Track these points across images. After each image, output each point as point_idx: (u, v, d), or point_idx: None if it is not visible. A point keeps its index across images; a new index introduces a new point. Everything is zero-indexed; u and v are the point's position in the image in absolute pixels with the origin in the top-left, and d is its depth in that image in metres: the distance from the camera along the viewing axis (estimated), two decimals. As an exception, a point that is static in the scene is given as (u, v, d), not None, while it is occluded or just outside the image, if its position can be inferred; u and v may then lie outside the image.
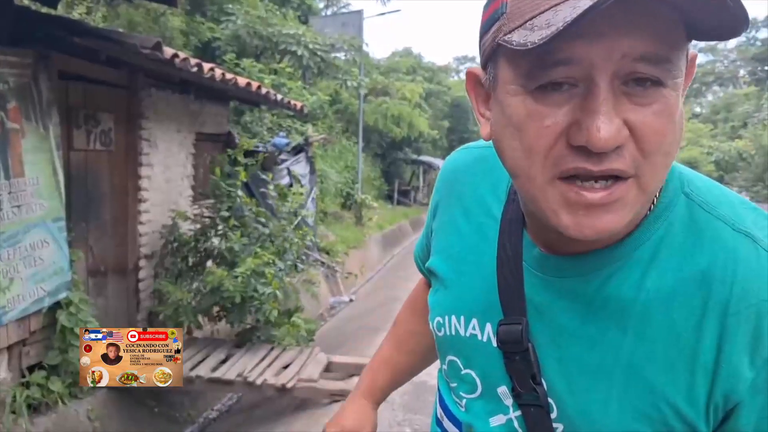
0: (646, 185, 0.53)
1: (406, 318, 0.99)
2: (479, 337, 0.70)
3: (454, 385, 0.75)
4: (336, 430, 0.96)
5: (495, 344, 0.67)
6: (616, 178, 0.52)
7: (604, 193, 0.51)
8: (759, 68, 48.31)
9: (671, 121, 0.51)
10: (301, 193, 5.86)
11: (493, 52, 0.56)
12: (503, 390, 0.68)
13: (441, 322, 0.76)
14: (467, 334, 0.71)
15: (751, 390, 0.54)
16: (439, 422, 0.80)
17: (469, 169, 0.78)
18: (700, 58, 55.74)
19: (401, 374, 0.99)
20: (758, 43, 49.25)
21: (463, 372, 0.73)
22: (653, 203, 0.60)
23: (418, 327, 0.93)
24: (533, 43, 0.47)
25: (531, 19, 0.49)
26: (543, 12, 0.49)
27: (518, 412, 0.66)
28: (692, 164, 34.31)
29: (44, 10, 4.37)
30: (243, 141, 6.12)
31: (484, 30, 0.57)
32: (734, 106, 40.33)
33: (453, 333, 0.73)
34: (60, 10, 5.38)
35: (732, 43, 53.42)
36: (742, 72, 51.97)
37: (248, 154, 5.36)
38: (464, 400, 0.73)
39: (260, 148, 6.72)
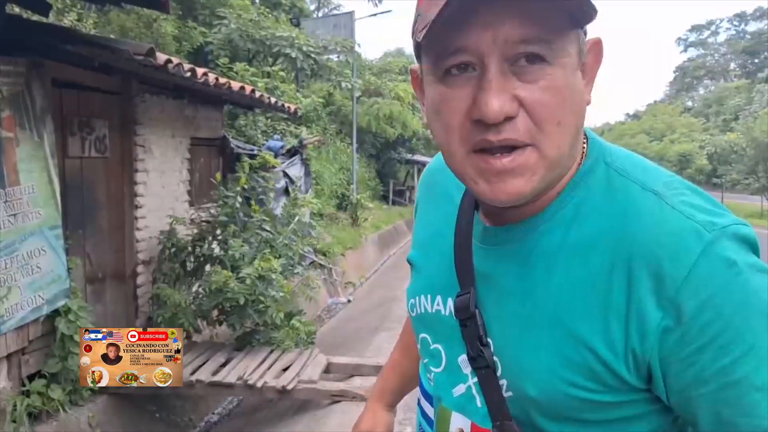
0: (545, 152, 0.60)
1: (409, 328, 1.06)
2: (442, 312, 0.77)
3: (425, 361, 0.81)
4: None
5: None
6: (514, 148, 0.60)
7: (507, 159, 0.60)
8: (749, 61, 48.57)
9: (558, 95, 0.59)
10: (302, 201, 5.91)
11: (417, 50, 0.66)
12: (463, 359, 0.73)
13: (414, 303, 0.83)
14: (433, 310, 0.78)
15: (662, 329, 0.58)
16: (419, 402, 0.86)
17: (441, 170, 0.86)
18: (691, 53, 56.02)
19: (409, 378, 1.06)
20: (748, 36, 49.50)
21: (432, 347, 0.79)
22: (576, 171, 0.68)
23: None
24: (421, 33, 0.58)
25: (433, 18, 0.58)
26: (439, 10, 0.58)
27: (475, 379, 0.71)
28: (686, 158, 34.36)
29: (36, 18, 4.37)
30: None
31: (411, 33, 0.66)
32: (725, 99, 40.45)
33: (423, 311, 0.80)
34: (51, 18, 5.36)
35: (722, 36, 53.70)
36: (732, 65, 52.23)
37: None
38: (432, 374, 0.79)
39: (254, 151, 6.72)
